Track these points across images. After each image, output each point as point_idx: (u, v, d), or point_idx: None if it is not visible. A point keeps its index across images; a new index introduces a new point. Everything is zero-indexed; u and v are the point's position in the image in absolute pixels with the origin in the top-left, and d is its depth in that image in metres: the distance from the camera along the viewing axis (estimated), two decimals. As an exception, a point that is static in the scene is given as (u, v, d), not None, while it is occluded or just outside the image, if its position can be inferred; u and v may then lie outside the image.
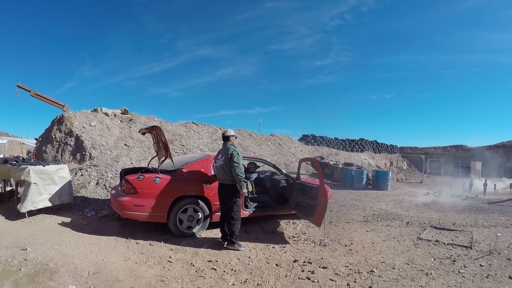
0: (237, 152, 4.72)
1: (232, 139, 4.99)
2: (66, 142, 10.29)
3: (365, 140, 28.64)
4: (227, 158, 4.70)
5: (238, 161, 4.65)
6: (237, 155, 4.68)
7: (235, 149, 4.78)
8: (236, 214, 4.73)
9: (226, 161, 4.71)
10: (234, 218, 4.69)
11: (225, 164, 4.73)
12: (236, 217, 4.71)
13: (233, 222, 4.67)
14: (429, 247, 5.14)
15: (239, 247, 4.65)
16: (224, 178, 4.77)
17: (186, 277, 3.67)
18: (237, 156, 4.66)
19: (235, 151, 4.73)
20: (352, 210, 8.36)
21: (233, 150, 4.72)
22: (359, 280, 3.73)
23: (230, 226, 4.70)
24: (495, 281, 3.78)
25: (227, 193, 4.78)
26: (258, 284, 3.55)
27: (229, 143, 4.91)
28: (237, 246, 4.64)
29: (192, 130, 14.19)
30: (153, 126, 5.35)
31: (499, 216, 7.89)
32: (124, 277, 3.57)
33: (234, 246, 4.63)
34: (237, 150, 4.77)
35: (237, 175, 4.60)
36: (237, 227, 4.72)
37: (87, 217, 6.03)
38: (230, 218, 4.70)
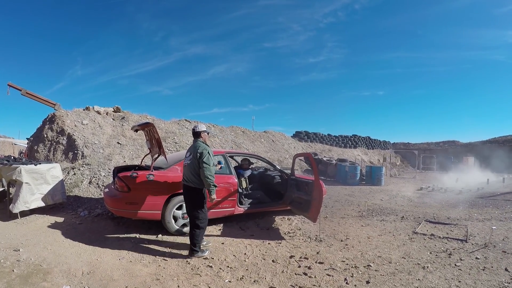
0: (207, 151, 4.13)
1: (204, 135, 4.39)
2: (58, 141, 10.14)
3: (358, 136, 28.77)
4: (195, 157, 4.14)
5: (208, 162, 4.06)
6: (207, 154, 4.10)
7: (206, 148, 4.18)
8: (201, 222, 4.19)
9: (194, 160, 4.15)
10: (199, 227, 4.17)
11: (192, 163, 4.18)
12: (201, 225, 4.19)
13: (197, 231, 4.17)
14: (425, 241, 5.16)
15: (202, 254, 4.20)
16: (188, 179, 4.23)
17: (181, 275, 3.62)
18: (207, 156, 4.08)
19: (205, 149, 4.14)
20: (347, 205, 8.39)
21: (203, 149, 4.13)
22: (356, 275, 3.72)
23: (192, 235, 4.17)
24: (492, 273, 3.81)
25: (192, 197, 4.24)
26: (255, 281, 3.53)
27: (200, 140, 4.33)
28: (200, 254, 4.19)
29: (185, 127, 14.11)
30: (146, 123, 5.26)
31: (493, 210, 7.98)
32: (119, 276, 3.52)
33: (197, 255, 4.16)
34: (208, 149, 4.19)
35: (206, 178, 4.03)
36: (201, 236, 4.24)
37: (80, 217, 5.95)
38: (194, 226, 4.18)
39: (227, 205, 5.52)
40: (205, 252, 4.23)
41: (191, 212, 4.24)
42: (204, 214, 4.26)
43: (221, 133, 15.45)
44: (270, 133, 19.86)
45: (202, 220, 4.21)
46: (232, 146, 14.48)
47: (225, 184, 5.51)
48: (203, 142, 4.32)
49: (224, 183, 5.50)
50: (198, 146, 4.20)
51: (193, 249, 4.14)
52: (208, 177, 4.02)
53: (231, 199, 5.55)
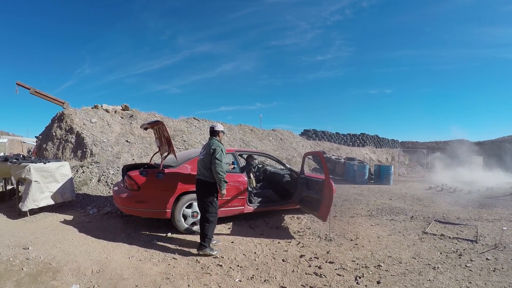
0: (221, 149, 4.27)
1: (221, 135, 4.60)
2: (66, 140, 10.23)
3: (366, 135, 28.56)
4: (208, 153, 4.30)
5: (221, 158, 4.20)
6: (220, 151, 4.24)
7: (220, 145, 4.33)
8: (212, 216, 4.29)
9: (207, 156, 4.30)
10: (209, 220, 4.26)
11: (206, 158, 4.33)
12: (211, 219, 4.28)
13: (207, 225, 4.24)
14: (435, 241, 5.11)
15: (211, 251, 4.20)
16: (201, 173, 4.38)
17: (191, 274, 3.62)
18: (220, 153, 4.22)
19: (219, 146, 4.28)
20: (356, 204, 8.34)
21: (216, 146, 4.28)
22: (366, 275, 3.69)
23: (203, 228, 4.25)
24: (502, 274, 3.77)
25: (204, 191, 4.34)
26: (265, 280, 3.51)
27: (216, 138, 4.48)
28: (209, 251, 4.19)
29: (193, 125, 14.14)
30: (156, 121, 5.27)
31: (503, 210, 7.88)
32: (129, 275, 3.52)
33: (206, 251, 4.17)
34: (222, 147, 4.32)
35: (218, 174, 4.16)
36: (211, 230, 4.30)
37: (90, 215, 5.98)
38: (204, 219, 4.28)
39: (237, 204, 5.51)
40: (214, 251, 4.21)
41: (202, 205, 4.34)
42: (215, 208, 4.34)
43: (230, 132, 15.46)
44: (278, 131, 19.82)
45: (213, 214, 4.30)
46: (241, 145, 14.49)
47: (235, 182, 5.50)
48: (218, 140, 4.46)
49: (234, 181, 5.49)
50: (212, 143, 4.34)
51: (202, 244, 4.19)
52: (219, 172, 4.14)
53: (241, 198, 5.54)
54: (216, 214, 4.38)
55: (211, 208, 4.28)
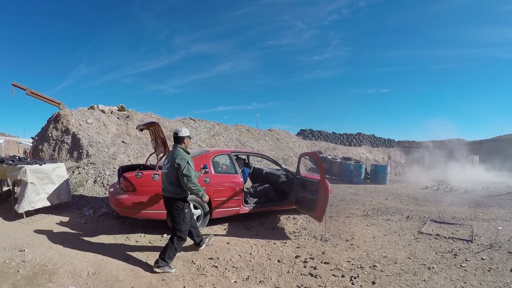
0: (187, 161, 3.72)
1: (186, 141, 4.03)
2: (62, 140, 10.18)
3: (363, 134, 28.64)
4: (172, 167, 3.77)
5: (189, 173, 3.69)
6: (186, 165, 3.70)
7: (184, 157, 3.77)
8: (182, 234, 3.85)
9: (171, 169, 3.79)
10: (179, 238, 3.84)
11: (170, 173, 3.82)
12: (182, 237, 3.86)
13: (175, 243, 3.81)
14: (430, 241, 5.14)
15: (170, 269, 3.71)
16: (166, 189, 3.92)
17: (187, 275, 3.63)
18: (187, 167, 3.69)
19: (183, 159, 3.73)
20: (352, 204, 8.36)
21: (181, 159, 3.72)
22: (362, 275, 3.71)
23: (167, 245, 3.81)
24: (497, 274, 3.79)
25: (172, 208, 3.88)
26: (261, 281, 3.52)
27: (180, 146, 3.95)
28: (168, 269, 3.71)
29: (189, 126, 14.13)
30: (151, 122, 5.26)
31: (498, 210, 7.93)
32: (125, 276, 3.53)
33: (164, 269, 3.69)
34: (187, 158, 3.78)
35: (191, 190, 3.76)
36: (177, 249, 3.85)
37: (86, 216, 5.96)
38: (173, 236, 3.84)
39: (232, 205, 5.52)
40: (172, 269, 3.74)
41: (172, 223, 3.93)
42: (186, 225, 3.91)
43: (226, 132, 15.45)
44: (275, 131, 19.83)
45: (184, 232, 3.88)
46: (237, 145, 14.48)
47: (231, 183, 5.51)
48: (184, 149, 3.96)
49: (230, 182, 5.50)
50: (176, 154, 3.81)
51: (163, 260, 3.71)
52: (191, 188, 3.74)
53: (237, 199, 5.54)
54: (187, 231, 3.98)
55: (182, 225, 3.86)
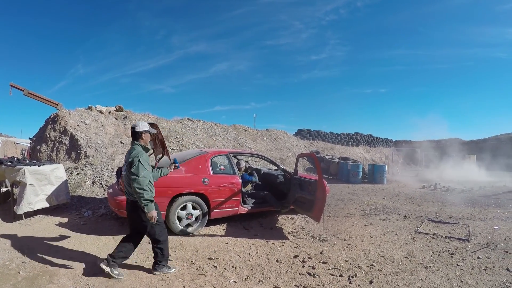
0: (138, 159, 3.30)
1: (145, 136, 3.63)
2: (60, 141, 10.16)
3: (360, 134, 28.74)
4: (128, 166, 3.41)
5: (138, 172, 3.25)
6: (138, 163, 3.28)
7: (138, 154, 3.37)
8: (160, 236, 3.58)
9: (128, 169, 3.41)
10: (159, 241, 3.58)
11: (127, 173, 3.45)
12: (161, 238, 3.59)
13: (159, 245, 3.60)
14: (427, 240, 5.18)
15: (169, 270, 3.67)
16: (128, 191, 3.53)
17: (187, 275, 3.65)
18: (137, 165, 3.27)
19: (136, 156, 3.34)
20: (349, 204, 8.41)
21: (134, 156, 3.35)
22: (359, 275, 3.75)
23: (155, 250, 3.63)
24: (493, 273, 3.83)
25: (136, 212, 3.47)
26: (260, 281, 3.55)
27: (137, 143, 3.56)
28: (167, 270, 3.67)
29: (187, 126, 14.13)
30: (150, 123, 5.28)
31: (495, 209, 8.00)
32: (125, 277, 3.54)
33: (163, 270, 3.64)
34: (141, 155, 3.37)
35: (136, 193, 3.25)
36: (166, 248, 3.65)
37: (84, 217, 5.98)
38: (153, 242, 3.61)
39: (231, 205, 5.55)
40: (172, 269, 3.70)
41: (143, 229, 3.59)
42: (159, 226, 3.58)
43: (224, 132, 15.46)
44: (272, 131, 19.86)
45: (160, 233, 3.59)
46: (235, 145, 14.49)
47: (229, 184, 5.54)
48: (142, 145, 3.58)
49: (228, 183, 5.54)
50: (131, 151, 3.47)
51: (159, 263, 3.64)
52: (137, 191, 3.23)
53: (235, 199, 5.58)
54: (164, 229, 3.68)
55: (156, 228, 3.54)
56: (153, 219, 3.35)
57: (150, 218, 3.33)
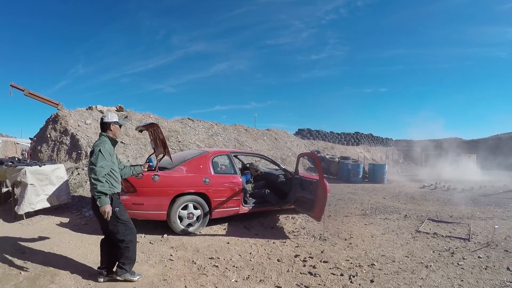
0: (99, 149, 3.12)
1: (113, 127, 3.42)
2: (61, 141, 10.18)
3: (361, 134, 28.70)
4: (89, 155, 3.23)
5: (96, 161, 3.05)
6: (98, 152, 3.10)
7: (100, 143, 3.21)
8: (125, 235, 3.30)
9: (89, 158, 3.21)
10: (123, 241, 3.30)
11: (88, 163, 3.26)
12: (126, 239, 3.31)
13: (123, 247, 3.31)
14: (428, 239, 5.19)
15: (132, 277, 3.39)
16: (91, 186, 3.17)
17: (188, 275, 3.65)
18: (98, 154, 3.09)
19: (97, 145, 3.17)
20: (350, 203, 8.43)
21: (96, 145, 3.20)
22: (360, 274, 3.76)
23: (119, 252, 3.35)
24: (494, 272, 3.84)
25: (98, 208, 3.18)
26: (261, 280, 3.56)
27: (105, 134, 3.38)
28: (130, 276, 3.38)
29: (188, 126, 14.14)
30: (151, 124, 5.28)
31: (495, 209, 8.01)
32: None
33: (126, 276, 3.36)
34: (102, 145, 3.18)
35: (91, 183, 3.05)
36: (131, 251, 3.37)
37: (85, 217, 5.98)
38: (117, 241, 3.32)
39: (232, 205, 5.56)
40: (136, 276, 3.43)
41: (106, 228, 3.33)
42: (123, 224, 3.31)
43: (224, 132, 15.47)
44: (273, 131, 19.85)
45: (125, 233, 3.31)
46: (235, 145, 14.51)
47: (230, 183, 5.56)
48: (110, 137, 3.38)
49: (229, 182, 5.55)
50: (96, 141, 3.33)
51: (121, 267, 3.35)
52: (92, 181, 3.04)
53: (236, 199, 5.59)
54: (131, 229, 3.39)
55: (119, 227, 3.27)
56: (106, 214, 3.09)
57: (103, 212, 3.09)
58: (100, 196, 3.04)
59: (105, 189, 3.06)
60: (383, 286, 3.47)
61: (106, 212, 3.09)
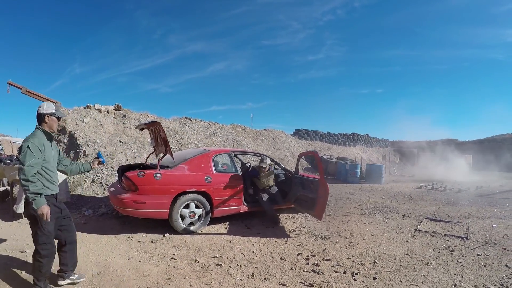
0: (28, 145, 2.77)
1: (49, 120, 3.01)
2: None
3: (357, 134, 28.85)
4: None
5: (24, 160, 2.72)
6: (27, 149, 2.75)
7: (32, 137, 2.86)
8: (42, 248, 2.93)
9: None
10: (40, 254, 2.92)
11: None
12: (43, 252, 2.93)
13: (39, 259, 2.93)
14: (427, 238, 5.25)
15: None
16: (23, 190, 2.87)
17: (192, 274, 3.65)
18: (26, 151, 2.75)
19: (27, 141, 2.83)
20: (349, 203, 8.48)
21: (26, 140, 2.88)
22: (363, 271, 3.79)
23: (34, 263, 2.98)
24: (493, 269, 3.91)
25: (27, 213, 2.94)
26: (265, 278, 3.57)
27: (40, 127, 3.00)
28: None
29: (186, 125, 14.12)
30: (152, 122, 5.28)
31: (492, 208, 8.11)
32: (130, 276, 3.52)
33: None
34: (35, 139, 2.84)
35: (22, 185, 2.73)
36: (46, 266, 2.98)
37: (85, 216, 5.96)
38: (35, 252, 2.96)
39: (233, 204, 5.57)
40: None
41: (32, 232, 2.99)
42: (44, 236, 2.93)
43: (222, 131, 15.47)
44: (270, 131, 19.89)
45: (42, 245, 2.94)
46: (233, 144, 14.52)
47: (231, 182, 5.56)
48: (45, 130, 3.01)
49: (230, 181, 5.55)
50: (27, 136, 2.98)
51: (35, 283, 2.99)
52: (22, 182, 2.71)
53: (237, 198, 5.60)
54: (50, 243, 2.99)
55: (39, 237, 2.92)
56: (45, 216, 2.79)
57: (41, 215, 2.78)
58: (35, 197, 2.73)
59: (37, 189, 2.75)
60: (386, 283, 3.50)
61: (44, 213, 2.79)
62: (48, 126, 3.01)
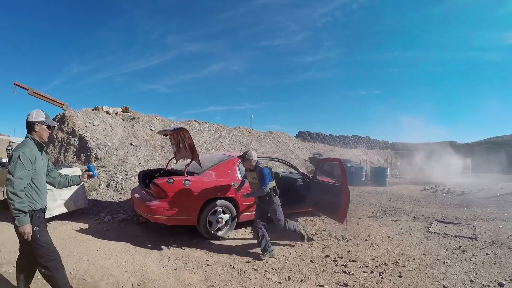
0: (18, 155, 2.59)
1: (39, 128, 2.82)
2: (69, 143, 10.07)
3: (358, 137, 29.21)
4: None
5: (14, 171, 2.55)
6: (17, 159, 2.58)
7: (22, 147, 2.68)
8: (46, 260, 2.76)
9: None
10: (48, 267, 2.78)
11: None
12: (48, 265, 2.77)
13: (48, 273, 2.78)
14: (439, 239, 5.58)
15: None
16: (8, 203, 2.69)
17: (232, 279, 3.73)
18: (16, 162, 2.57)
19: (17, 150, 2.65)
20: (359, 206, 8.75)
21: (15, 149, 2.70)
22: (388, 271, 4.07)
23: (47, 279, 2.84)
24: (502, 266, 4.31)
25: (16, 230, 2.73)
26: (302, 281, 3.78)
27: (30, 136, 2.81)
28: None
29: (194, 128, 14.19)
30: (180, 128, 5.34)
31: (495, 210, 8.47)
32: (172, 285, 3.51)
33: None
34: (27, 150, 2.65)
35: (8, 198, 2.54)
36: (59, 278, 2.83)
37: (105, 222, 5.87)
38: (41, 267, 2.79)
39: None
40: None
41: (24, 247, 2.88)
42: (43, 248, 2.74)
43: (229, 134, 15.59)
44: (275, 133, 20.11)
45: (44, 257, 2.76)
46: (241, 147, 14.66)
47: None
48: (35, 140, 2.82)
49: None
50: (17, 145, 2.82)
51: None
52: (8, 195, 2.53)
53: None
54: (53, 253, 2.82)
55: (38, 250, 2.72)
56: (26, 235, 2.60)
57: (22, 233, 2.59)
58: (18, 214, 2.55)
59: (23, 206, 2.57)
60: (411, 281, 3.79)
61: (26, 233, 2.60)
62: (37, 135, 2.83)
